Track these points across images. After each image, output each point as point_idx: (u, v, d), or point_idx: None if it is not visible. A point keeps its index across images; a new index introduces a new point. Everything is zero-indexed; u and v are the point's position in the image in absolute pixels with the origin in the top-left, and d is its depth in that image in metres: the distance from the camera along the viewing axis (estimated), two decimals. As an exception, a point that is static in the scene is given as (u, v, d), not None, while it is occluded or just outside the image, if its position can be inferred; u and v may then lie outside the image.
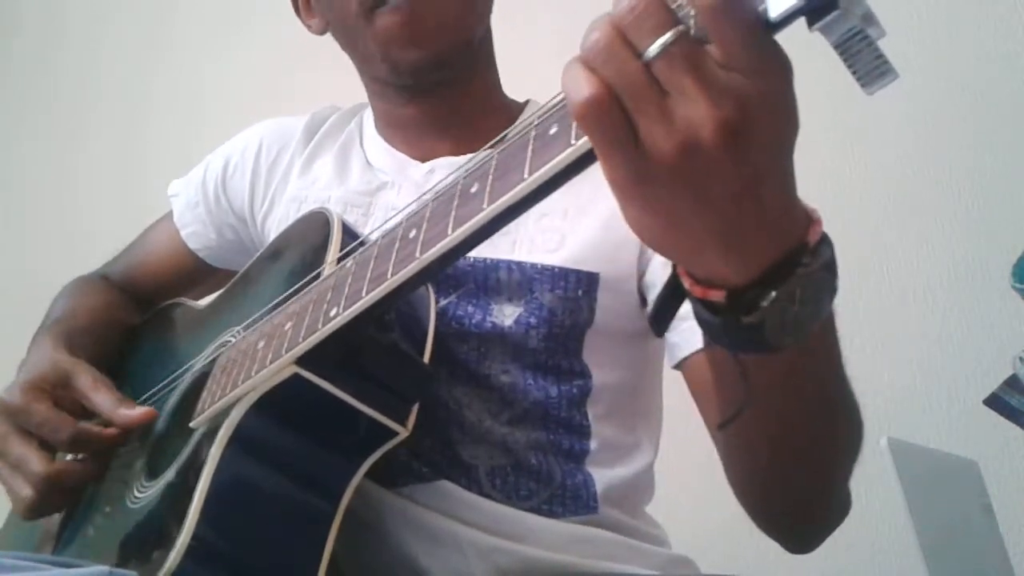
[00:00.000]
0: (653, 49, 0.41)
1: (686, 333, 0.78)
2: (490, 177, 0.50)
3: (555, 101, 0.49)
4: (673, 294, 0.50)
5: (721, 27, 0.40)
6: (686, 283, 0.48)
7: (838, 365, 0.61)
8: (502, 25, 0.92)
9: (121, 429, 0.77)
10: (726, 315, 0.47)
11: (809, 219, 0.48)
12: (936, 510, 0.89)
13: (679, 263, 0.48)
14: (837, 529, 0.74)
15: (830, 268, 0.47)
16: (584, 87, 0.42)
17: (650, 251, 0.80)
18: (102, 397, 0.78)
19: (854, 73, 0.39)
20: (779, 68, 0.42)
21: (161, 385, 0.85)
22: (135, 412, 0.77)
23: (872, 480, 1.39)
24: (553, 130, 0.48)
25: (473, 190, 0.52)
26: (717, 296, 0.47)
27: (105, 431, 0.77)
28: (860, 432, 0.69)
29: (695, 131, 0.41)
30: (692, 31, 0.40)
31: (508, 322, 0.78)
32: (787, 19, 0.38)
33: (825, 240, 0.47)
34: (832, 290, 0.48)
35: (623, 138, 0.42)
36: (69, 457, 0.81)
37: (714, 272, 0.47)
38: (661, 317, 0.51)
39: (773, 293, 0.45)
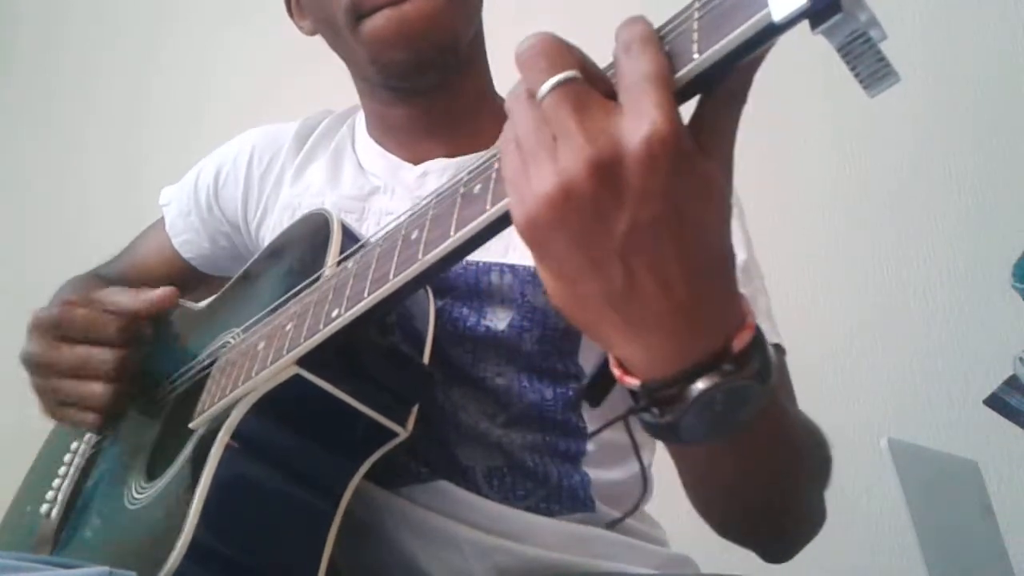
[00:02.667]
0: (543, 90, 0.42)
1: None
2: (493, 177, 0.50)
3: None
4: (608, 369, 0.48)
5: (625, 63, 0.41)
6: (611, 360, 0.47)
7: (784, 422, 0.58)
8: (496, 24, 0.91)
9: (150, 312, 0.79)
10: (643, 405, 0.45)
11: (741, 323, 0.45)
12: (936, 510, 0.89)
13: (591, 338, 0.46)
14: (838, 528, 0.74)
15: (760, 376, 0.44)
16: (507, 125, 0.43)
17: None
18: (120, 296, 0.79)
19: (856, 75, 0.39)
20: (671, 124, 0.40)
21: (160, 387, 0.85)
22: (154, 292, 0.79)
23: (872, 480, 1.40)
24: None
25: (476, 191, 0.52)
26: (632, 383, 0.45)
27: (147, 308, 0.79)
28: (822, 460, 0.69)
29: (570, 173, 0.40)
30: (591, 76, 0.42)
31: (502, 325, 0.78)
32: (791, 22, 0.38)
33: (757, 345, 0.45)
34: (760, 396, 0.45)
35: (516, 179, 0.43)
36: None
37: (625, 356, 0.45)
38: (594, 390, 0.50)
39: (690, 396, 0.43)
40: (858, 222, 1.53)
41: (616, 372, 0.47)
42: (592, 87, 0.42)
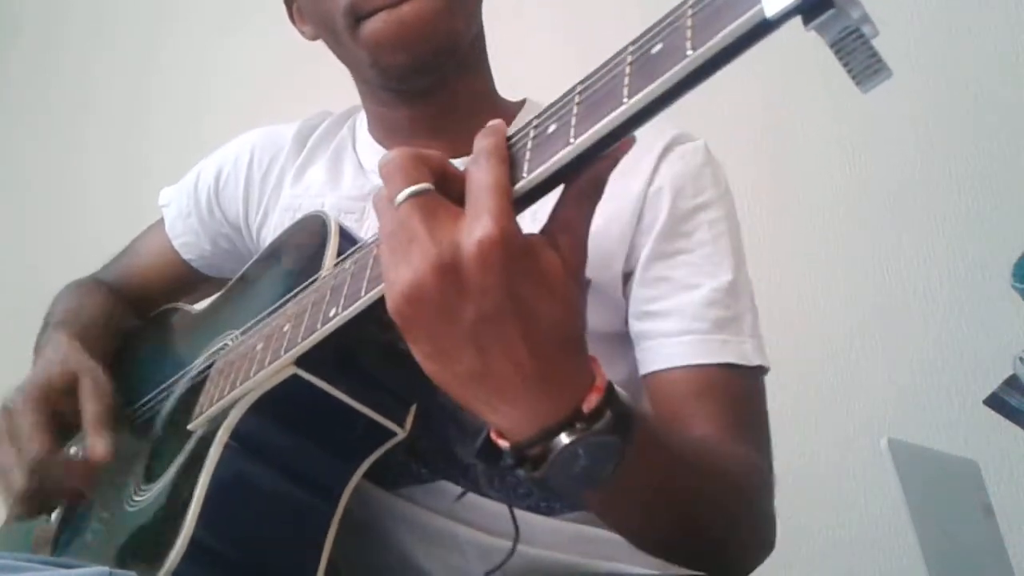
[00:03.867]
0: (399, 199, 0.48)
1: (647, 353, 0.79)
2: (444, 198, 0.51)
3: (554, 102, 0.50)
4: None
5: (471, 172, 0.48)
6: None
7: (673, 463, 0.61)
8: (496, 24, 0.92)
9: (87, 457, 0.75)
10: (514, 464, 0.51)
11: (589, 386, 0.50)
12: (936, 510, 0.89)
13: (465, 408, 0.52)
14: (838, 528, 0.74)
15: (617, 430, 0.50)
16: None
17: (633, 258, 0.81)
18: (89, 407, 0.76)
19: (849, 71, 0.40)
20: (501, 227, 0.45)
21: (159, 389, 0.85)
22: (97, 448, 0.74)
23: (872, 480, 1.40)
24: (551, 129, 0.48)
25: None
26: (503, 445, 0.52)
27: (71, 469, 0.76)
28: (749, 492, 0.70)
29: (419, 272, 0.47)
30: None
31: None
32: (783, 18, 0.39)
33: (610, 403, 0.50)
34: (619, 448, 0.51)
35: (385, 273, 0.49)
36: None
37: (494, 423, 0.52)
38: (485, 451, 0.54)
39: (553, 453, 0.49)
40: (858, 222, 1.53)
41: (492, 436, 0.53)
42: (447, 195, 0.49)
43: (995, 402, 1.39)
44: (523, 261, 0.46)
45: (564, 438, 0.49)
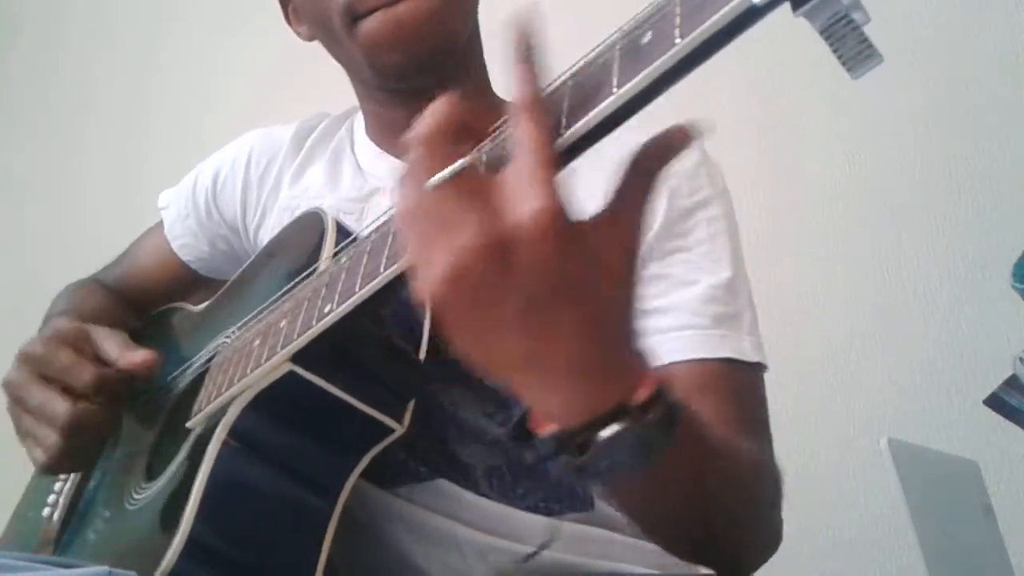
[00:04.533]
0: (433, 180, 0.44)
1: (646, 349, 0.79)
2: (482, 170, 0.50)
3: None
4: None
5: (512, 136, 0.44)
6: (530, 411, 0.50)
7: (706, 457, 0.60)
8: (492, 24, 0.91)
9: (125, 372, 0.77)
10: (557, 451, 0.48)
11: (639, 378, 0.48)
12: (936, 510, 0.89)
13: (507, 391, 0.49)
14: (838, 528, 0.74)
15: (662, 425, 0.48)
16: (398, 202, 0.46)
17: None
18: (111, 343, 0.79)
19: (840, 58, 0.39)
20: (554, 206, 0.42)
21: (158, 388, 0.85)
22: (137, 355, 0.77)
23: (872, 480, 1.39)
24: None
25: None
26: (547, 432, 0.49)
27: (121, 369, 0.78)
28: (766, 487, 0.70)
29: (462, 255, 0.43)
30: (483, 158, 0.45)
31: None
32: (771, 4, 0.38)
33: (658, 398, 0.48)
34: (664, 443, 0.48)
35: (416, 258, 0.45)
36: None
37: (538, 409, 0.49)
38: (521, 431, 0.52)
39: (598, 443, 0.46)
40: (858, 221, 1.53)
41: (534, 422, 0.50)
42: (488, 167, 0.45)
43: (995, 402, 1.39)
44: (578, 240, 0.43)
45: (612, 428, 0.46)
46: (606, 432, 0.46)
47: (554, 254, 0.42)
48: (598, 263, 0.44)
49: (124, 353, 0.78)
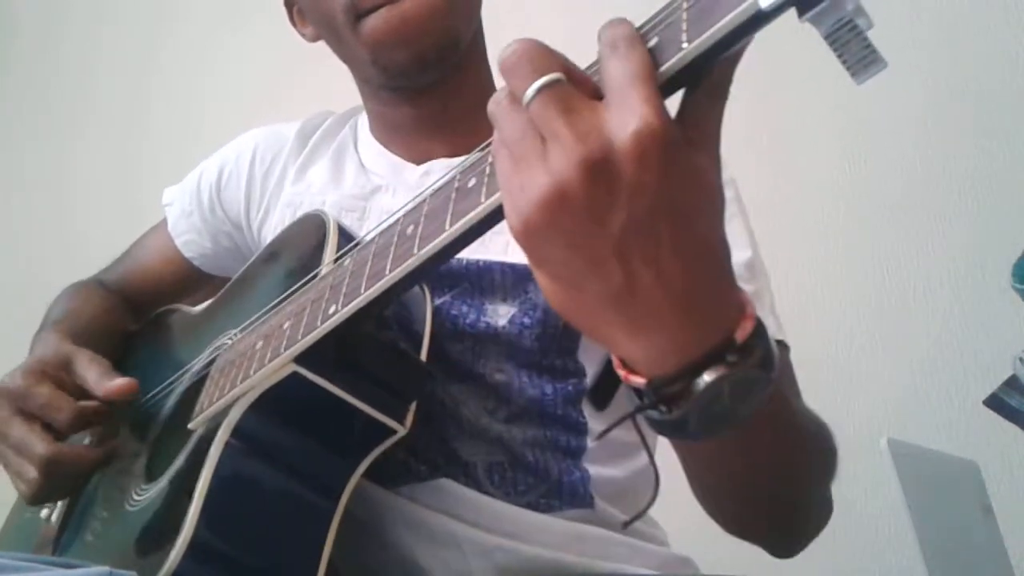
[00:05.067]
0: (528, 94, 0.42)
1: None
2: (487, 171, 0.50)
3: None
4: (611, 371, 0.48)
5: (611, 62, 0.41)
6: (614, 360, 0.47)
7: (790, 415, 0.58)
8: (495, 23, 0.92)
9: (104, 400, 0.78)
10: (650, 403, 0.45)
11: (741, 313, 0.45)
12: (936, 510, 0.89)
13: (593, 339, 0.47)
14: (838, 528, 0.74)
15: (764, 365, 0.44)
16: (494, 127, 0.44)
17: None
18: (91, 372, 0.79)
19: (844, 63, 0.39)
20: (659, 118, 0.40)
21: (158, 390, 0.85)
22: (114, 383, 0.78)
23: (872, 480, 1.39)
24: None
25: (471, 185, 0.52)
26: (638, 382, 0.45)
27: (99, 405, 0.78)
28: (827, 454, 0.69)
29: (562, 175, 0.40)
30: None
31: (502, 322, 0.78)
32: (777, 9, 0.39)
33: (759, 335, 0.45)
34: (766, 385, 0.45)
35: (508, 185, 0.43)
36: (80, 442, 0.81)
37: (629, 355, 0.45)
38: (599, 393, 0.50)
39: (696, 390, 0.43)
40: (858, 222, 1.53)
41: (621, 372, 0.46)
42: (577, 88, 0.42)
43: (995, 402, 1.39)
44: (679, 157, 0.40)
45: (711, 373, 0.43)
46: (704, 378, 0.43)
47: (659, 175, 0.40)
48: (700, 184, 0.42)
49: (102, 383, 0.78)
